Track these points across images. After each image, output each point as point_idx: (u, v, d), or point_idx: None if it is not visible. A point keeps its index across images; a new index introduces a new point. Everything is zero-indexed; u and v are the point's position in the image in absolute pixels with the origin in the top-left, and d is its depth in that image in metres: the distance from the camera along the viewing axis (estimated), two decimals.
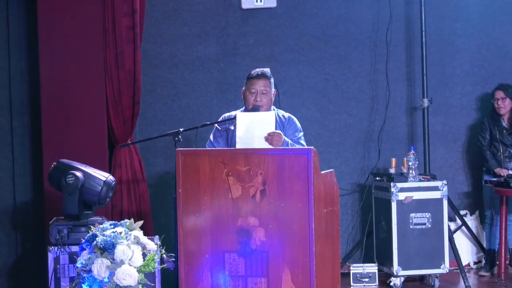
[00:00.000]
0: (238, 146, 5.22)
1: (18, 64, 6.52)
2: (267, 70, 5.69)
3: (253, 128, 5.24)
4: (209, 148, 5.47)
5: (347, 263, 7.30)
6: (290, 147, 5.29)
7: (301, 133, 5.58)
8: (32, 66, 6.48)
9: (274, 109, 5.59)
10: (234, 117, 5.38)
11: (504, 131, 7.34)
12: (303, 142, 5.53)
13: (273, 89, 5.58)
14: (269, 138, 5.20)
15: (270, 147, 5.14)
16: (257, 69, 5.63)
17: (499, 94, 7.37)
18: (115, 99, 6.51)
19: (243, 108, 5.62)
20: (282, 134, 5.28)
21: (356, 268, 7.00)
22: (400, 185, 6.82)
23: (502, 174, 7.15)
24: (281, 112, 5.64)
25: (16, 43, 6.51)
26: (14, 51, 6.51)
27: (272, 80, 5.57)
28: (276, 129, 5.30)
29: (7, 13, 6.47)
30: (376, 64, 7.65)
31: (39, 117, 6.36)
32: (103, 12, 6.43)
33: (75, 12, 6.37)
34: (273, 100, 5.58)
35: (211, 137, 5.65)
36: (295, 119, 5.61)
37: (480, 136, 7.46)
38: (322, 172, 4.63)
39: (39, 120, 6.37)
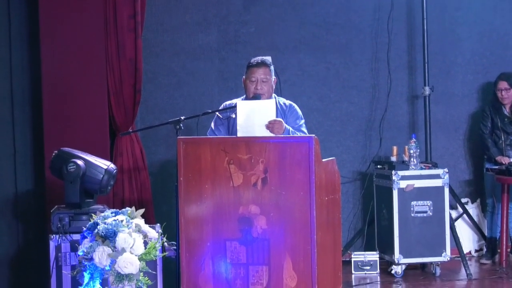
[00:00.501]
0: (239, 134, 5.20)
1: (19, 54, 6.50)
2: (267, 58, 5.67)
3: (254, 116, 5.21)
4: (210, 136, 5.46)
5: (349, 251, 7.31)
6: (291, 135, 5.28)
7: (302, 121, 5.55)
8: (33, 55, 6.46)
9: (275, 97, 5.57)
10: (235, 105, 5.36)
11: (506, 119, 7.33)
12: (304, 129, 5.51)
13: (274, 77, 5.56)
14: (270, 126, 5.17)
15: (271, 135, 5.12)
16: (257, 57, 5.60)
17: (503, 84, 7.32)
18: (116, 88, 6.50)
19: (244, 96, 5.61)
20: (283, 122, 5.27)
21: (358, 256, 7.01)
22: (401, 173, 6.82)
23: (504, 162, 7.14)
24: (282, 100, 5.62)
25: (17, 32, 6.49)
26: (15, 40, 6.48)
27: (272, 67, 5.54)
28: (277, 117, 5.27)
29: (8, 3, 6.45)
30: (378, 53, 7.63)
31: (41, 107, 6.34)
32: (104, 1, 6.41)
33: (76, 2, 6.36)
34: (274, 87, 5.57)
35: (212, 125, 5.64)
36: (296, 106, 5.59)
37: (482, 124, 7.44)
38: (323, 160, 4.63)
39: (40, 110, 6.35)
